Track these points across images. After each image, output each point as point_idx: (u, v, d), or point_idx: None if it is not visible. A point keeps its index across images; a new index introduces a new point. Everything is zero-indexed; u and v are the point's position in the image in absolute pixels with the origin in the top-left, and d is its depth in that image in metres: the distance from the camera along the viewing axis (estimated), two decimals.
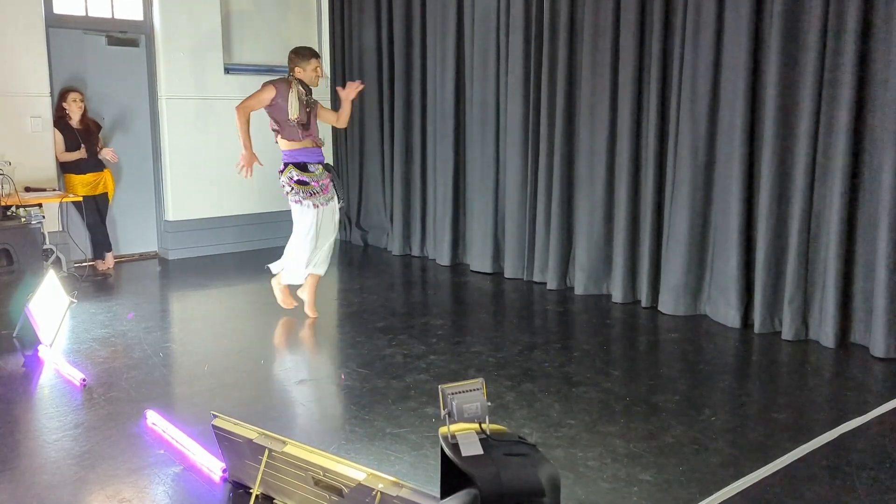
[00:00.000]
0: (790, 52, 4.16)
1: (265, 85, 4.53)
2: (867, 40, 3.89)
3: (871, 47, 3.89)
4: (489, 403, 1.90)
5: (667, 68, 4.80)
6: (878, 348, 3.88)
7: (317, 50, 5.02)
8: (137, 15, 6.54)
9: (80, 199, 5.94)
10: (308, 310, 4.76)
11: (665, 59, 4.79)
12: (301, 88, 4.55)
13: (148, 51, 6.60)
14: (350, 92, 4.75)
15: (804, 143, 4.12)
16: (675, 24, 4.72)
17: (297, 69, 4.60)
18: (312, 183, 4.49)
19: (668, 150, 4.83)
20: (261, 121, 4.90)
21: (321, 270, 4.74)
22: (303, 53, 4.63)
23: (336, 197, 4.65)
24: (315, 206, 4.50)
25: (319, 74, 4.67)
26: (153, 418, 3.15)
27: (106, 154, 6.09)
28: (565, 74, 5.32)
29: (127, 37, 6.54)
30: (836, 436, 2.98)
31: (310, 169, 4.50)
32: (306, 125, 4.54)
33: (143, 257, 6.78)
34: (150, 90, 6.65)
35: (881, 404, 3.30)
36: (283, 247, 4.75)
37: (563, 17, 5.27)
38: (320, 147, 4.66)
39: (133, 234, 6.74)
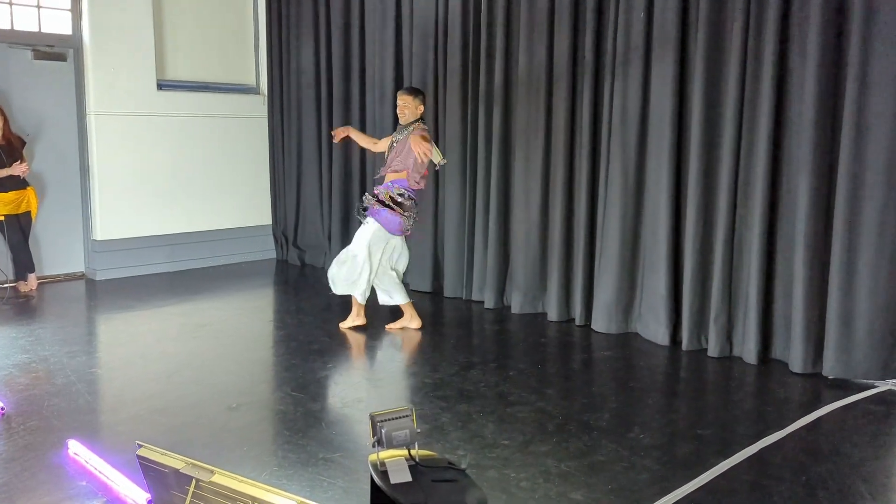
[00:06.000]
0: (712, 81, 4.34)
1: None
2: (783, 72, 4.10)
3: (786, 80, 4.10)
4: (418, 430, 1.91)
5: (598, 94, 4.94)
6: (797, 364, 4.06)
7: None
8: (66, 29, 6.36)
9: (2, 218, 5.70)
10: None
11: (596, 85, 4.94)
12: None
13: (76, 65, 6.42)
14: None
15: (726, 170, 4.30)
16: (605, 50, 4.87)
17: None
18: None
19: (599, 173, 4.96)
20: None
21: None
22: None
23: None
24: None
25: (402, 108, 4.80)
26: (75, 448, 3.04)
27: (16, 169, 5.81)
28: (502, 97, 5.41)
29: (54, 51, 6.35)
30: (755, 451, 3.10)
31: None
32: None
33: (69, 278, 6.55)
34: (77, 105, 6.46)
35: (798, 419, 3.44)
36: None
37: (500, 40, 5.38)
38: (385, 178, 4.83)
39: (58, 253, 6.51)
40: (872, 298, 3.83)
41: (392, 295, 4.93)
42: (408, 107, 4.71)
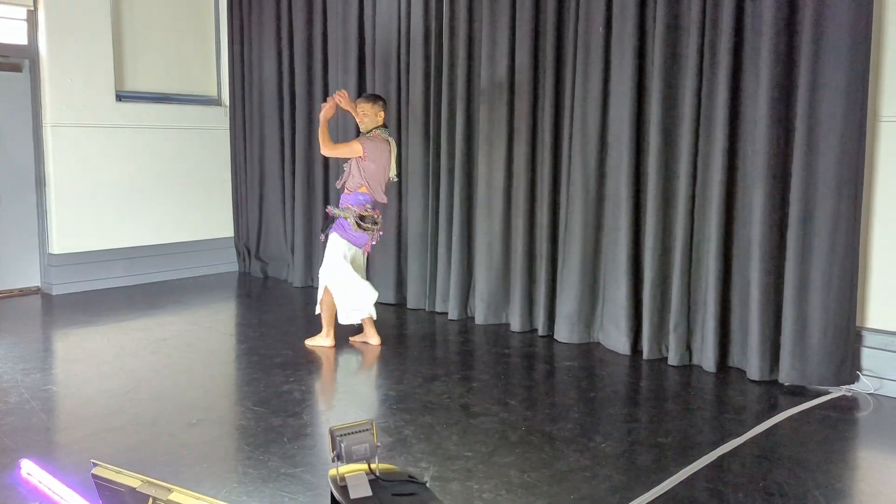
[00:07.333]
0: (669, 94, 4.44)
1: None
2: (737, 85, 4.20)
3: (740, 93, 4.21)
4: (378, 444, 1.91)
5: (559, 107, 5.01)
6: (753, 371, 4.14)
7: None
8: (21, 39, 6.23)
9: None
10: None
11: (557, 97, 5.00)
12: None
13: (32, 76, 6.29)
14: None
15: (684, 182, 4.39)
16: (566, 63, 4.94)
17: None
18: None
19: (561, 184, 5.03)
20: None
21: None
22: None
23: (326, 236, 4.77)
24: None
25: (362, 116, 4.72)
26: (28, 468, 2.96)
27: None
28: (464, 109, 5.45)
29: (9, 62, 6.21)
30: (714, 458, 3.15)
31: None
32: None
33: (24, 293, 6.39)
34: (34, 117, 6.33)
35: (755, 426, 3.51)
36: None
37: (462, 51, 5.42)
38: (342, 189, 4.76)
39: (13, 268, 6.34)
40: (825, 307, 3.93)
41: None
42: (367, 115, 4.67)
